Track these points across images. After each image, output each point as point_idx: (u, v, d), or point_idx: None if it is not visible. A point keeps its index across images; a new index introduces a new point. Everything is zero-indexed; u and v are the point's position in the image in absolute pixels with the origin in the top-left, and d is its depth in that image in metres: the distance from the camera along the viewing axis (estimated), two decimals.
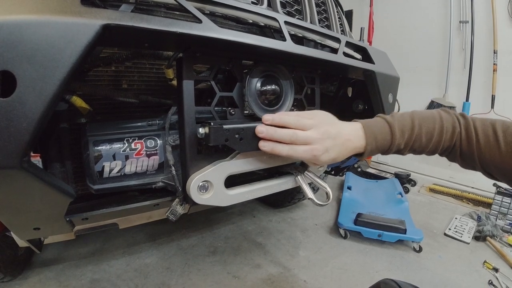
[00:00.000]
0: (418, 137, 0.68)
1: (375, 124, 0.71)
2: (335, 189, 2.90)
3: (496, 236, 2.05)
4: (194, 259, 1.73)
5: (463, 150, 0.67)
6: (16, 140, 0.47)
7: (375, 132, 0.69)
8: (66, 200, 0.65)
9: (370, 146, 0.69)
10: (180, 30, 0.59)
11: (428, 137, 0.68)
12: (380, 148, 0.70)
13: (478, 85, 2.88)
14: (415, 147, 0.70)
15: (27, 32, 0.45)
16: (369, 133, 0.69)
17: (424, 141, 0.69)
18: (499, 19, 2.69)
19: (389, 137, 0.69)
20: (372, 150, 0.70)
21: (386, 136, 0.69)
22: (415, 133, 0.68)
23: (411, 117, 0.70)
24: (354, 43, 1.07)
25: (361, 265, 1.73)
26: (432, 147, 0.69)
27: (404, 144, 0.69)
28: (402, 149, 0.70)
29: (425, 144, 0.69)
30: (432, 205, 2.67)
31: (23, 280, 1.50)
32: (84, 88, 0.80)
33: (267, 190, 0.91)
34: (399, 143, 0.69)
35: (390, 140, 0.69)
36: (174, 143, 0.88)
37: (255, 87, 0.85)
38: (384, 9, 3.57)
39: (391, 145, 0.69)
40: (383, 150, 0.71)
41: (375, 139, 0.69)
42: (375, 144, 0.69)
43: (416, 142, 0.69)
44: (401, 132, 0.69)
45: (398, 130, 0.68)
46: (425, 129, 0.68)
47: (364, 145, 0.70)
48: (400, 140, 0.69)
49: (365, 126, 0.70)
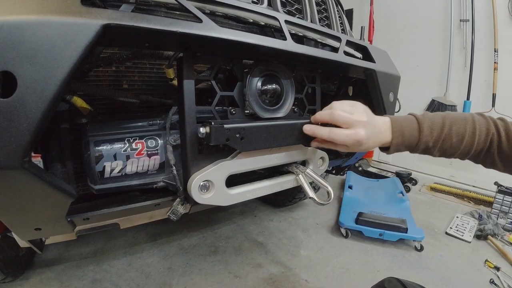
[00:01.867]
0: (448, 136, 0.68)
1: (404, 119, 0.72)
2: (336, 188, 2.89)
3: (497, 235, 2.04)
4: (196, 258, 1.73)
5: (503, 151, 0.66)
6: (17, 141, 0.47)
7: (403, 127, 0.70)
8: (67, 200, 0.65)
9: (396, 140, 0.70)
10: (180, 30, 0.59)
11: (458, 138, 0.68)
12: (407, 144, 0.71)
13: (479, 84, 2.87)
14: (445, 147, 0.70)
15: (28, 32, 0.45)
16: (397, 127, 0.70)
17: (455, 141, 0.68)
18: (499, 17, 2.68)
19: (417, 134, 0.69)
20: (399, 144, 0.71)
21: (413, 132, 0.70)
22: (444, 132, 0.68)
23: (442, 117, 0.70)
24: (355, 42, 1.07)
25: (363, 265, 1.73)
26: (464, 148, 0.69)
27: (433, 143, 0.69)
28: (430, 147, 0.70)
29: (456, 145, 0.69)
30: (433, 204, 2.67)
31: (25, 281, 1.50)
32: (84, 88, 0.80)
33: (268, 190, 0.91)
34: (427, 140, 0.69)
35: (418, 137, 0.69)
36: (175, 142, 0.88)
37: (256, 87, 0.85)
38: (384, 8, 3.56)
39: (418, 142, 0.70)
40: (410, 146, 0.71)
41: (402, 134, 0.70)
42: (402, 139, 0.70)
43: (446, 142, 0.69)
44: (430, 130, 0.69)
45: (427, 128, 0.69)
46: (456, 129, 0.68)
47: (390, 139, 0.71)
48: (428, 138, 0.69)
49: (393, 121, 0.71)
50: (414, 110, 0.80)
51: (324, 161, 1.06)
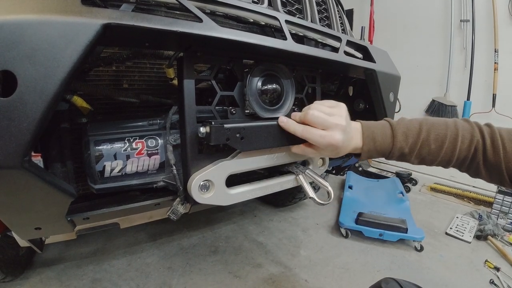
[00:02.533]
0: (426, 142, 0.65)
1: (376, 126, 0.69)
2: (336, 189, 2.90)
3: (497, 235, 2.04)
4: (195, 258, 1.73)
5: (488, 160, 0.63)
6: (17, 140, 0.47)
7: (375, 134, 0.68)
8: (67, 200, 0.65)
9: (367, 146, 0.68)
10: (181, 29, 0.59)
11: (437, 144, 0.65)
12: (379, 151, 0.69)
13: (479, 84, 2.87)
14: (423, 154, 0.67)
15: (28, 31, 0.45)
16: (368, 133, 0.68)
17: (434, 148, 0.65)
18: (499, 18, 2.68)
19: (390, 140, 0.67)
20: (370, 151, 0.69)
21: (386, 139, 0.67)
22: (421, 138, 0.66)
23: (419, 122, 0.68)
24: (355, 42, 1.07)
25: (363, 265, 1.73)
26: (444, 155, 0.66)
27: (409, 149, 0.67)
28: (406, 154, 0.67)
29: (434, 151, 0.66)
30: (433, 204, 2.67)
31: (25, 280, 1.50)
32: (85, 88, 0.80)
33: (268, 189, 0.91)
34: (401, 146, 0.66)
35: (391, 143, 0.67)
36: (175, 142, 0.88)
37: (256, 86, 0.85)
38: (384, 8, 3.56)
39: (392, 149, 0.67)
40: (383, 153, 0.69)
41: (374, 140, 0.68)
42: (373, 145, 0.68)
43: (423, 149, 0.66)
44: (405, 136, 0.66)
45: (401, 134, 0.66)
46: (434, 135, 0.65)
47: (361, 146, 0.69)
48: (403, 144, 0.66)
49: (364, 127, 0.69)
50: (414, 110, 0.79)
51: (324, 161, 1.05)
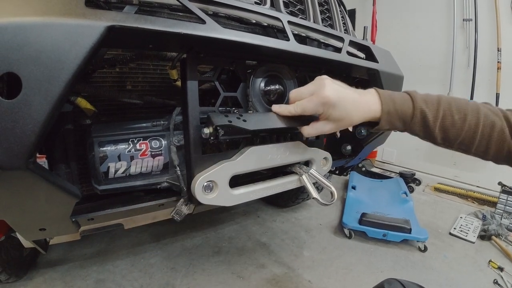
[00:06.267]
0: (448, 112, 0.59)
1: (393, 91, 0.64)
2: (340, 189, 2.89)
3: (501, 235, 2.03)
4: (199, 259, 1.74)
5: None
6: (22, 142, 0.47)
7: (393, 96, 0.61)
8: (71, 201, 0.65)
9: (387, 107, 0.60)
10: (184, 31, 0.59)
11: (460, 116, 0.58)
12: (400, 114, 0.61)
13: (482, 83, 2.86)
14: (447, 125, 0.59)
15: (32, 34, 0.46)
16: (385, 95, 0.62)
17: (457, 118, 0.59)
18: (502, 17, 2.67)
19: (409, 103, 0.60)
20: (390, 113, 0.61)
21: (405, 102, 0.60)
22: (442, 106, 0.59)
23: (437, 95, 0.63)
24: (358, 42, 1.06)
25: (366, 265, 1.73)
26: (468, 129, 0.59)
27: (433, 117, 0.59)
28: (430, 121, 0.59)
29: (458, 123, 0.59)
30: (437, 205, 2.66)
31: (28, 281, 1.51)
32: (89, 90, 0.81)
33: (271, 190, 0.91)
34: (423, 110, 0.59)
35: (411, 106, 0.60)
36: (178, 143, 0.88)
37: (259, 87, 0.85)
38: (387, 8, 3.56)
39: (414, 111, 0.60)
40: (405, 116, 0.61)
41: (393, 101, 0.60)
42: (393, 106, 0.60)
43: (446, 119, 0.59)
44: (424, 102, 0.60)
45: (420, 99, 0.60)
46: (456, 106, 0.59)
47: (379, 107, 0.61)
48: (423, 107, 0.59)
49: (380, 90, 0.63)
50: None
51: (327, 161, 1.05)
